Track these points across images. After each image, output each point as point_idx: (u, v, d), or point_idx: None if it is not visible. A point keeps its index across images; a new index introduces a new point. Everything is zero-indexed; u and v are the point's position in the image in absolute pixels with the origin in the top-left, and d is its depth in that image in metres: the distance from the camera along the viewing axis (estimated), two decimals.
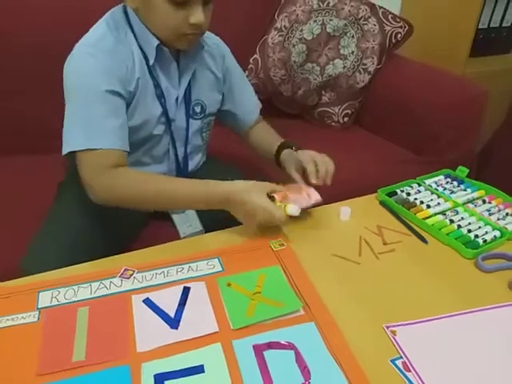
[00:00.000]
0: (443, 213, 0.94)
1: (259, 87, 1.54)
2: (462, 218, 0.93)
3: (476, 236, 0.87)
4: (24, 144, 1.38)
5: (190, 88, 0.99)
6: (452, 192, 1.01)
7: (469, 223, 0.92)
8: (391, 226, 0.92)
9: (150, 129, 0.96)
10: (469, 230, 0.89)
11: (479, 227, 0.90)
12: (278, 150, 1.04)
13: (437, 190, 1.02)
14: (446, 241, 0.87)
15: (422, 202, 0.97)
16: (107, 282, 0.75)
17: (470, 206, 0.97)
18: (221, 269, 0.78)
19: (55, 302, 0.71)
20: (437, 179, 1.07)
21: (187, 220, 1.02)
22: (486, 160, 1.65)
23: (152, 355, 0.62)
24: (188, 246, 0.85)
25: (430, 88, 1.48)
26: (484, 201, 0.99)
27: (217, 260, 0.80)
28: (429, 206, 0.96)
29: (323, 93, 1.63)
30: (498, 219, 0.93)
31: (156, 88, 0.93)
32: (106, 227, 0.94)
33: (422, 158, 1.46)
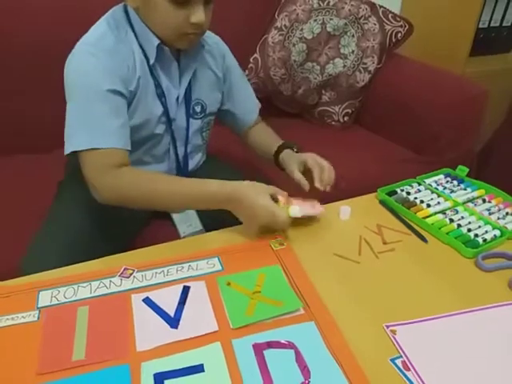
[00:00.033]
0: (443, 212, 0.94)
1: (259, 86, 1.54)
2: (462, 217, 0.93)
3: (476, 235, 0.87)
4: (24, 144, 1.38)
5: (191, 87, 0.99)
6: (452, 191, 1.01)
7: (469, 222, 0.91)
8: (391, 226, 0.92)
9: (151, 128, 0.96)
10: (469, 229, 0.89)
11: (479, 226, 0.90)
12: (278, 151, 1.04)
13: (437, 190, 1.02)
14: (446, 240, 0.87)
15: (422, 201, 0.97)
16: (107, 282, 0.75)
17: (470, 206, 0.97)
18: (221, 268, 0.78)
19: (55, 302, 0.71)
20: (437, 178, 1.07)
21: (187, 219, 1.01)
22: (486, 159, 1.65)
23: (152, 354, 0.62)
24: (188, 246, 0.85)
25: (430, 87, 1.48)
26: (484, 200, 0.99)
27: (217, 259, 0.80)
28: (429, 205, 0.96)
29: (323, 92, 1.63)
30: (498, 218, 0.92)
31: (157, 87, 0.93)
32: (106, 227, 0.94)
33: (422, 158, 1.46)
